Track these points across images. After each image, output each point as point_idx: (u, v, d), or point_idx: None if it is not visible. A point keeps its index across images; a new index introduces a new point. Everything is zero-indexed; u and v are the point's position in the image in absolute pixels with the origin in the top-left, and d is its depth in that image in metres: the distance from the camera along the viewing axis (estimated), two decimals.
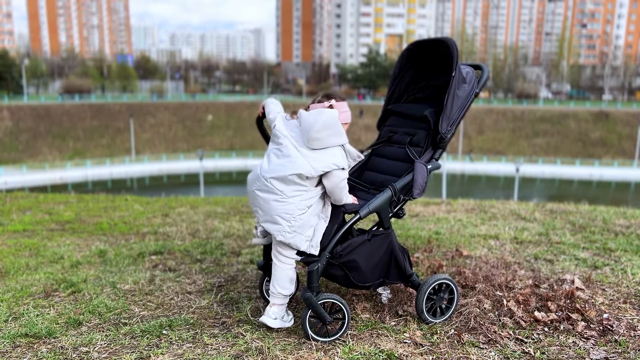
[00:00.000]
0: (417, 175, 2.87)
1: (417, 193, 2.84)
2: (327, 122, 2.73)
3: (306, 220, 2.74)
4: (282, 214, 2.70)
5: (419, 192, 2.84)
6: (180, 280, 3.72)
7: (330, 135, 2.74)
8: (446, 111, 2.96)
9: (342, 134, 2.79)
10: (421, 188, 2.85)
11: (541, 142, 65.55)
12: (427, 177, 2.89)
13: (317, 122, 2.72)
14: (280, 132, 2.83)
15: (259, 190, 2.76)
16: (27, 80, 77.47)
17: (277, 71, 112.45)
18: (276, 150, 2.80)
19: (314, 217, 2.78)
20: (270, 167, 2.76)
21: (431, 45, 3.22)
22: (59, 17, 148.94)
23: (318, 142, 2.72)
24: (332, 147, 2.76)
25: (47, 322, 3.01)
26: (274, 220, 2.73)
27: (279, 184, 2.71)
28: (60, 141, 61.03)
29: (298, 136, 2.78)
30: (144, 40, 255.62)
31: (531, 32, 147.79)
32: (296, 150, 2.73)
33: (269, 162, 2.78)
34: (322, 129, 2.71)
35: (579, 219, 5.57)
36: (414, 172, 2.89)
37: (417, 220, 5.64)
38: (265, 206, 2.74)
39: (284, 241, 2.74)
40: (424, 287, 2.94)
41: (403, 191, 2.92)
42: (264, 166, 2.79)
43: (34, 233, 5.29)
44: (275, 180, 2.71)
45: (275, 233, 2.73)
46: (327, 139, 2.73)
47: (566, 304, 3.16)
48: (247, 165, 59.39)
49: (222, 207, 6.56)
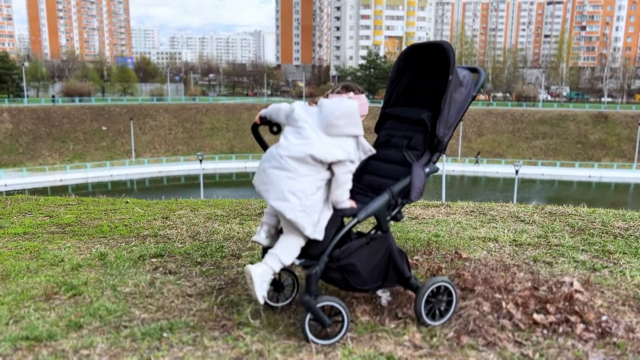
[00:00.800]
0: (414, 178, 2.89)
1: (415, 196, 2.85)
2: (346, 111, 2.82)
3: (315, 201, 2.81)
4: (295, 192, 2.76)
5: (417, 195, 2.86)
6: (181, 283, 3.73)
7: (348, 124, 2.82)
8: (443, 114, 2.98)
9: (359, 125, 2.87)
10: (419, 191, 2.86)
11: (540, 144, 65.63)
12: (424, 180, 2.90)
13: (338, 110, 2.81)
14: (299, 117, 2.90)
15: (272, 168, 2.82)
16: (27, 82, 77.54)
17: (277, 73, 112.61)
18: (294, 132, 2.88)
19: (321, 202, 2.85)
20: (287, 146, 2.83)
21: (428, 48, 3.24)
22: (59, 20, 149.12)
23: (336, 129, 2.80)
24: (347, 137, 2.84)
25: (47, 325, 3.02)
26: (285, 197, 2.76)
27: (294, 163, 2.78)
28: (60, 143, 61.07)
29: (316, 122, 2.86)
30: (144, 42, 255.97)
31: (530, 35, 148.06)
32: (314, 134, 2.81)
33: (287, 141, 2.86)
34: (342, 117, 2.80)
35: (578, 221, 5.58)
36: (412, 176, 2.90)
37: (416, 222, 5.65)
38: (277, 183, 2.79)
39: (293, 219, 2.76)
40: (422, 290, 2.95)
41: (401, 194, 2.93)
42: (281, 144, 2.86)
43: (35, 236, 5.30)
44: (290, 159, 2.78)
45: (286, 211, 2.76)
46: (345, 128, 2.81)
47: (565, 307, 3.17)
48: (247, 167, 59.46)
49: (222, 210, 6.57)
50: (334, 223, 2.88)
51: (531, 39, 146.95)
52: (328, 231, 2.86)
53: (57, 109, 64.14)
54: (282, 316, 3.14)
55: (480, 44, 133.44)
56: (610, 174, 56.82)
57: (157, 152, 63.75)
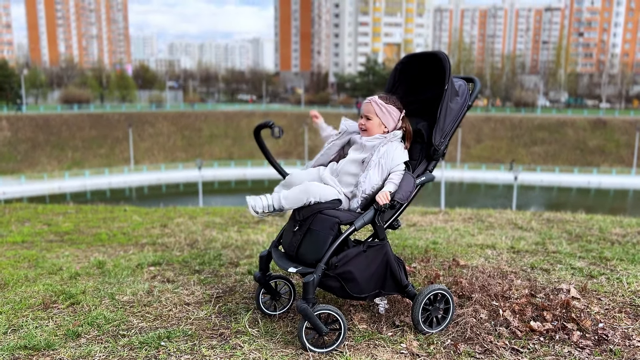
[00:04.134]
0: (402, 182, 2.91)
1: (399, 197, 2.85)
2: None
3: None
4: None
5: (401, 197, 2.86)
6: (179, 291, 3.74)
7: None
8: (439, 124, 3.01)
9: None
10: (404, 193, 2.87)
11: (539, 150, 65.71)
12: (412, 186, 2.92)
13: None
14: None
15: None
16: (26, 90, 77.60)
17: (276, 80, 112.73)
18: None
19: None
20: None
21: (424, 58, 3.26)
22: (58, 28, 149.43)
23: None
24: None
25: (46, 334, 3.02)
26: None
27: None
28: (58, 151, 61.06)
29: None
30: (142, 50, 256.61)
31: (528, 41, 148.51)
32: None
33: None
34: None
35: (576, 228, 5.60)
36: (401, 181, 2.92)
37: (414, 229, 5.66)
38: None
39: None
40: (419, 297, 2.97)
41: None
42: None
43: (33, 244, 5.31)
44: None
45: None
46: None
47: (562, 314, 3.18)
48: (246, 174, 59.47)
49: (221, 218, 6.58)
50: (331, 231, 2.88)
51: (529, 46, 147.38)
52: (327, 239, 2.87)
53: (55, 117, 64.13)
54: (280, 324, 3.15)
55: (479, 51, 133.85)
56: (609, 180, 56.85)
57: (156, 159, 63.74)
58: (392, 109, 3.10)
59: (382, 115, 3.08)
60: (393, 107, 3.11)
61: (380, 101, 3.10)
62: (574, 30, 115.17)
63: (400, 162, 3.00)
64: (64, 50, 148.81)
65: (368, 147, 3.07)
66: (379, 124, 3.09)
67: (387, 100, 3.12)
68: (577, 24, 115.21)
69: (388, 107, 3.09)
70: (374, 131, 3.10)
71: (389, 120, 3.09)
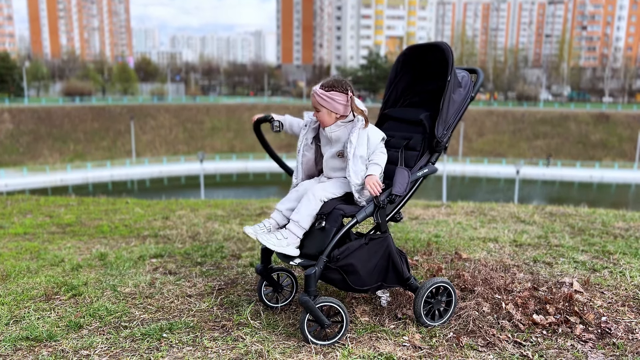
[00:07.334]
0: (397, 176, 2.89)
1: (397, 190, 2.84)
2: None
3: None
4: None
5: (398, 189, 2.84)
6: (181, 283, 3.73)
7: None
8: (442, 115, 2.98)
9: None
10: (401, 186, 2.85)
11: (542, 144, 65.57)
12: (407, 177, 2.89)
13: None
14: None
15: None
16: (28, 82, 77.60)
17: (278, 73, 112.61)
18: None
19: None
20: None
21: (426, 49, 3.24)
22: (59, 20, 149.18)
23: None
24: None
25: (47, 325, 3.02)
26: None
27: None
28: (60, 143, 61.11)
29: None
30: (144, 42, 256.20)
31: (531, 34, 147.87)
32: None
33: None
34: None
35: (578, 221, 5.58)
36: (396, 175, 2.89)
37: (416, 223, 5.65)
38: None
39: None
40: (421, 290, 2.96)
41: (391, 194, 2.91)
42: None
43: (35, 236, 5.31)
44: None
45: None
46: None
47: (565, 307, 3.17)
48: (248, 167, 59.48)
49: (223, 210, 6.58)
50: (334, 223, 2.87)
51: (532, 39, 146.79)
52: (328, 231, 2.86)
53: (57, 109, 64.14)
54: (282, 317, 3.14)
55: (481, 44, 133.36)
56: (611, 174, 56.71)
57: (158, 152, 63.76)
58: (336, 95, 2.98)
59: (327, 104, 2.98)
60: (335, 93, 2.98)
61: (321, 90, 3.00)
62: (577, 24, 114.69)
63: (377, 142, 2.96)
64: (66, 43, 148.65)
65: (334, 138, 3.04)
66: (328, 112, 3.00)
67: (327, 87, 3.01)
68: (581, 18, 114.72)
69: (330, 94, 2.98)
70: (328, 121, 3.02)
71: (336, 106, 2.99)
